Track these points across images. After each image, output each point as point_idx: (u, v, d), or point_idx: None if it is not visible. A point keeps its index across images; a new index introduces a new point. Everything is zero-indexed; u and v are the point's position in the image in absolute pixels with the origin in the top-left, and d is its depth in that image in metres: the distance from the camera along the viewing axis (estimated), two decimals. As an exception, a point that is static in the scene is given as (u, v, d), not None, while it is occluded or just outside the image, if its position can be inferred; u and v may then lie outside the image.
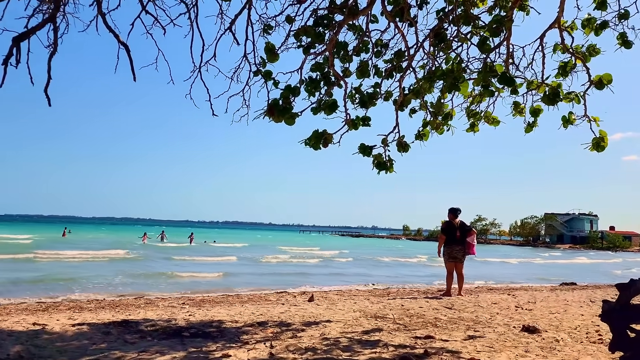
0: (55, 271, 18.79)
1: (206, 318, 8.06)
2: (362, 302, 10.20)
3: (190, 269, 22.70)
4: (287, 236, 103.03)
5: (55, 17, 4.64)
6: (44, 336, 6.41)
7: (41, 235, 52.83)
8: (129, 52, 5.20)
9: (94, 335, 6.48)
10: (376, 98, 7.45)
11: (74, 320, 7.79)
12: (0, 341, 6.02)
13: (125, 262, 25.13)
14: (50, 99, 4.74)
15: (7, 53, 4.49)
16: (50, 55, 4.93)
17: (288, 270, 24.16)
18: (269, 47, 6.49)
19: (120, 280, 17.11)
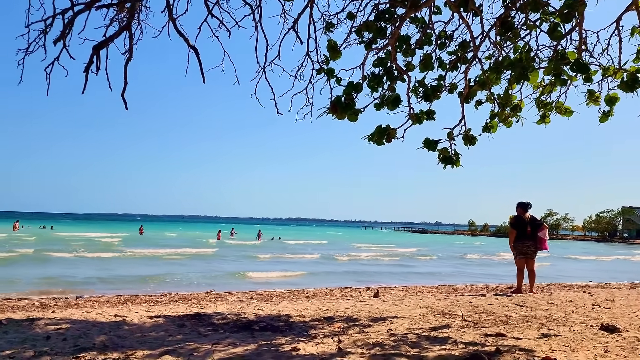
0: (135, 267, 19.83)
1: (274, 312, 8.24)
2: (429, 299, 10.07)
3: (273, 267, 22.66)
4: (356, 233, 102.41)
5: (130, 25, 4.92)
6: (124, 327, 6.80)
7: (120, 233, 55.81)
8: (198, 55, 5.40)
9: (169, 327, 6.80)
10: (440, 91, 7.32)
11: (150, 313, 8.21)
12: (86, 331, 6.45)
13: (201, 259, 26.00)
14: (127, 102, 5.03)
15: (88, 61, 4.80)
16: (127, 62, 5.22)
17: (370, 269, 23.87)
18: (331, 44, 6.53)
19: (194, 276, 17.77)
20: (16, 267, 18.89)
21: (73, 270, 17.94)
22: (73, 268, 18.74)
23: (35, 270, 17.68)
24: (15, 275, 16.30)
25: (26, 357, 4.98)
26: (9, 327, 6.72)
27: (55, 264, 20.37)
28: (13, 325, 6.86)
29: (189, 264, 22.53)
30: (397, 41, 6.69)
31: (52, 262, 21.21)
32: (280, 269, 21.78)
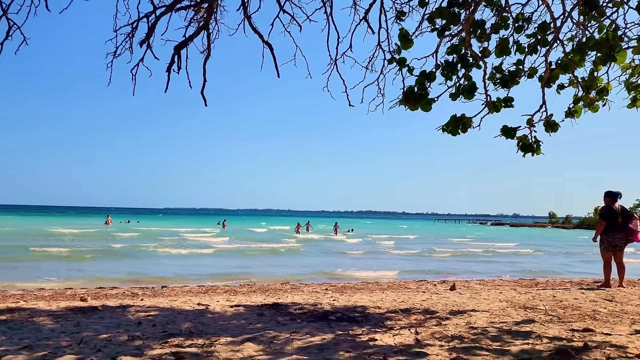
0: (216, 260, 20.66)
1: (349, 303, 8.30)
2: (509, 292, 9.73)
3: (366, 265, 20.45)
4: (439, 226, 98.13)
5: (208, 24, 5.12)
6: (207, 315, 7.12)
7: (201, 226, 58.13)
8: (273, 51, 5.53)
9: (249, 316, 7.05)
10: (519, 76, 7.02)
11: (231, 302, 8.53)
12: (173, 318, 6.82)
13: (290, 255, 25.24)
14: (207, 99, 5.26)
15: (170, 61, 5.05)
16: (205, 60, 5.45)
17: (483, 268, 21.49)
18: (403, 33, 6.44)
19: (283, 272, 18.18)
20: (109, 259, 20.25)
21: (160, 262, 18.99)
22: (160, 260, 19.84)
23: (126, 262, 18.89)
24: (108, 266, 17.49)
25: (121, 341, 5.34)
26: (105, 313, 7.25)
27: (145, 256, 21.63)
28: (108, 311, 7.39)
29: (278, 260, 22.82)
30: (472, 26, 6.49)
31: (143, 254, 22.55)
32: (372, 266, 20.03)
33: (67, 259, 19.42)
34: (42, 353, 4.75)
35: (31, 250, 21.67)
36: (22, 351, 4.84)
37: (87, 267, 16.92)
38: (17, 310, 7.30)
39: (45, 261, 18.05)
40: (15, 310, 7.30)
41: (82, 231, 41.07)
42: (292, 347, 5.08)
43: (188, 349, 4.98)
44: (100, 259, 19.65)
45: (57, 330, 5.92)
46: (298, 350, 4.97)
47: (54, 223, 54.08)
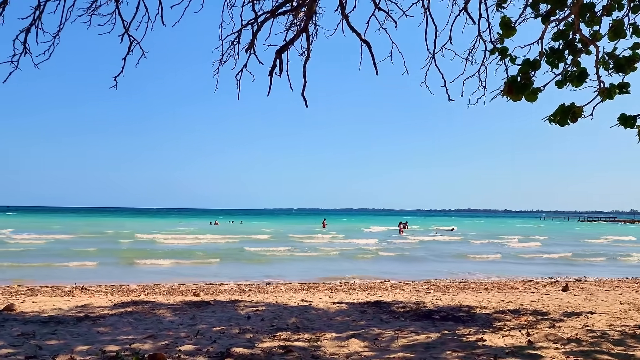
0: (326, 263, 21.10)
1: (453, 303, 8.12)
2: (630, 294, 8.98)
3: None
4: (560, 226, 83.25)
5: (307, 27, 5.27)
6: (311, 311, 7.31)
7: (301, 225, 59.52)
8: (371, 48, 5.56)
9: (352, 313, 7.13)
10: (636, 60, 6.45)
11: (333, 299, 8.69)
12: (279, 313, 7.08)
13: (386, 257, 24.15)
14: (307, 100, 5.41)
15: (272, 65, 5.26)
16: (305, 61, 5.61)
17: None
18: (505, 21, 6.17)
19: (377, 269, 18.21)
20: (218, 256, 21.38)
21: (269, 259, 19.75)
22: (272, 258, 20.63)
23: (233, 259, 19.86)
24: (217, 265, 18.50)
25: (233, 334, 5.65)
26: (216, 307, 7.70)
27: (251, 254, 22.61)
28: (219, 306, 7.84)
29: (386, 262, 22.79)
30: (580, 10, 6.07)
31: (248, 252, 23.57)
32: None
33: (182, 256, 20.82)
34: (165, 342, 5.16)
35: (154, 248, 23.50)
36: (147, 340, 5.28)
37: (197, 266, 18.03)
38: (140, 303, 7.98)
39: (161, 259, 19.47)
40: (138, 303, 7.97)
41: (194, 229, 43.74)
42: (397, 345, 5.07)
43: (296, 343, 5.15)
44: (226, 260, 20.83)
45: (175, 322, 6.39)
46: (404, 348, 4.96)
47: (164, 224, 58.19)
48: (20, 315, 6.72)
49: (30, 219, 66.94)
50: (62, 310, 7.27)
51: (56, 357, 4.51)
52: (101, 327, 5.96)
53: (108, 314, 6.97)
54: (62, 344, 5.03)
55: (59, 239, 29.93)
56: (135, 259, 18.56)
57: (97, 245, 25.06)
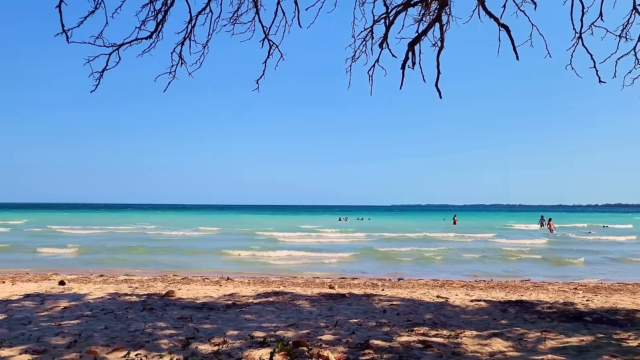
0: (452, 254, 20.57)
1: (607, 305, 7.40)
2: None
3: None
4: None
5: (440, 16, 5.14)
6: (448, 308, 7.13)
7: (430, 222, 58.25)
8: (510, 32, 5.25)
9: (492, 311, 6.82)
10: None
11: (470, 297, 8.39)
12: (414, 308, 7.02)
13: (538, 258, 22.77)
14: (441, 91, 5.28)
15: (404, 58, 5.22)
16: (439, 52, 5.47)
17: None
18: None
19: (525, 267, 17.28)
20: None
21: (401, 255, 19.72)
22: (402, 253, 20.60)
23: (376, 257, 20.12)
24: (348, 260, 18.87)
25: (370, 326, 5.71)
26: (352, 300, 7.84)
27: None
28: (354, 299, 7.98)
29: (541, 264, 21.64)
30: None
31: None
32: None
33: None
34: (306, 331, 5.38)
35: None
36: (289, 328, 5.55)
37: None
38: (280, 294, 8.41)
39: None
40: (279, 294, 8.41)
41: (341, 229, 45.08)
42: (545, 347, 4.75)
43: (434, 338, 5.07)
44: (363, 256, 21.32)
45: (314, 313, 6.63)
46: (553, 350, 4.63)
47: (302, 220, 60.63)
48: (178, 301, 7.46)
49: (167, 216, 73.82)
50: (213, 297, 7.93)
51: (211, 339, 4.92)
52: (247, 315, 6.39)
53: (252, 302, 7.45)
54: (215, 328, 5.48)
55: (207, 234, 32.76)
56: (272, 253, 19.59)
57: (236, 241, 26.94)
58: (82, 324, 5.60)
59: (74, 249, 20.46)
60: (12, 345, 4.55)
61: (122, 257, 18.31)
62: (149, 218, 62.06)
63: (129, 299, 7.65)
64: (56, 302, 7.25)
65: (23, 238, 27.03)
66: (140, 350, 4.41)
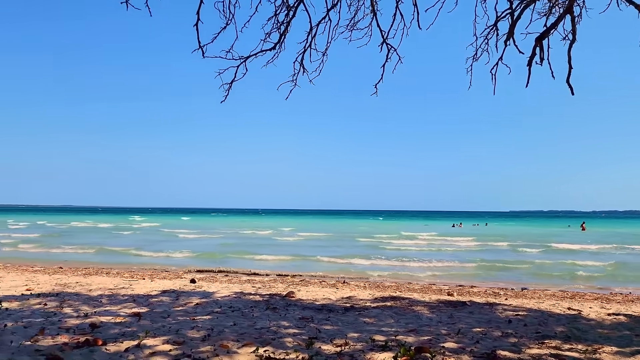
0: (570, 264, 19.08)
1: None
2: None
3: None
4: None
5: (572, 7, 4.80)
6: (581, 321, 6.59)
7: (555, 229, 54.38)
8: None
9: (634, 327, 6.19)
10: None
11: (607, 310, 7.70)
12: (543, 320, 6.58)
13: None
14: (573, 88, 4.91)
15: (531, 53, 4.94)
16: (570, 45, 5.10)
17: None
18: None
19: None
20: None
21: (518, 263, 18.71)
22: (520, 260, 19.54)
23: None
24: (463, 267, 18.23)
25: (495, 336, 5.46)
26: (473, 308, 7.56)
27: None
28: (476, 307, 7.68)
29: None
30: None
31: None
32: None
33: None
34: (427, 337, 5.28)
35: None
36: (409, 333, 5.48)
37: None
38: (397, 299, 8.35)
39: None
40: (396, 299, 8.36)
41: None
42: None
43: (568, 352, 4.72)
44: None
45: (434, 319, 6.49)
46: None
47: (409, 225, 59.75)
48: (299, 302, 7.71)
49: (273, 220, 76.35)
50: (331, 300, 8.08)
51: (333, 340, 5.02)
52: (366, 318, 6.43)
53: (370, 306, 7.47)
54: (336, 330, 5.58)
55: (315, 237, 33.55)
56: (387, 258, 19.52)
57: (345, 245, 27.23)
58: (213, 320, 6.00)
59: (197, 252, 22.01)
60: (155, 335, 5.00)
61: (241, 258, 19.37)
62: (254, 222, 64.93)
63: (253, 298, 8.05)
64: (189, 298, 7.85)
65: (153, 236, 29.67)
66: (267, 347, 4.62)
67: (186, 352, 4.36)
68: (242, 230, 42.19)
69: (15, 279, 10.14)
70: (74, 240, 27.67)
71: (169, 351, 4.39)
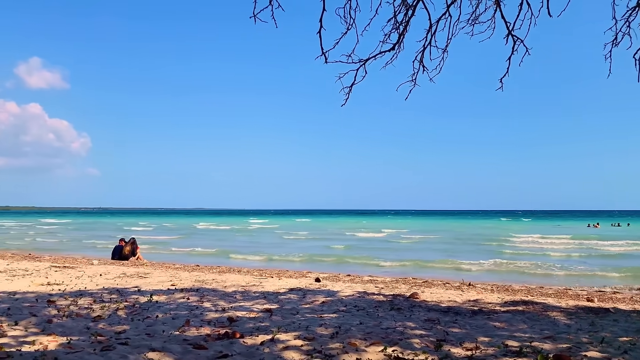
0: None
1: None
2: None
3: None
4: None
5: None
6: None
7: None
8: None
9: None
10: None
11: None
12: None
13: None
14: None
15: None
16: None
17: None
18: None
19: None
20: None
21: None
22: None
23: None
24: (602, 270, 16.70)
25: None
26: (618, 316, 6.90)
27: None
28: (621, 314, 7.00)
29: None
30: None
31: None
32: None
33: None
34: (566, 345, 4.92)
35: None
36: (546, 340, 5.15)
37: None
38: (530, 303, 7.89)
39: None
40: (528, 303, 7.90)
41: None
42: None
43: None
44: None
45: (572, 327, 6.03)
46: None
47: (539, 227, 55.91)
48: (423, 303, 7.61)
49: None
50: (457, 302, 7.87)
51: (463, 343, 4.89)
52: (496, 322, 6.16)
53: (500, 310, 7.15)
54: (464, 333, 5.42)
55: (430, 239, 32.82)
56: (514, 260, 18.54)
57: (475, 247, 26.26)
58: (340, 318, 6.14)
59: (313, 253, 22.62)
60: (287, 331, 5.25)
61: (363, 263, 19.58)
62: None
63: (377, 298, 8.11)
64: (315, 297, 8.11)
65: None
66: (395, 347, 4.63)
67: (317, 348, 4.52)
68: (357, 233, 42.61)
69: (161, 275, 11.22)
70: (202, 242, 29.99)
71: (301, 346, 4.58)
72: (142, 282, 9.72)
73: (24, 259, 15.75)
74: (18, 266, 12.74)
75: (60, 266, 13.00)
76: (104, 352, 4.18)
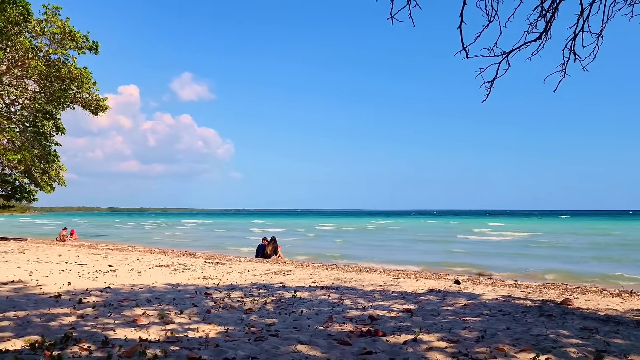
0: None
1: None
2: None
3: None
4: None
5: None
6: None
7: None
8: None
9: None
10: None
11: None
12: None
13: None
14: None
15: None
16: None
17: None
18: None
19: None
20: None
21: None
22: None
23: None
24: None
25: None
26: None
27: None
28: None
29: None
30: None
31: None
32: None
33: None
34: None
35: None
36: None
37: None
38: None
39: None
40: None
41: None
42: None
43: None
44: None
45: None
46: None
47: None
48: (577, 310, 7.01)
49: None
50: (618, 311, 7.12)
51: (628, 355, 4.42)
52: (668, 335, 5.46)
53: (672, 322, 6.32)
54: (629, 345, 4.89)
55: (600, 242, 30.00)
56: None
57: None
58: (484, 322, 5.91)
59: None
60: (429, 332, 5.19)
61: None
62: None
63: (524, 303, 7.64)
64: (455, 299, 7.89)
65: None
66: (548, 354, 4.34)
67: (462, 350, 4.41)
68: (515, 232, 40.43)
69: (302, 273, 11.73)
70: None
71: (445, 348, 4.50)
72: (285, 279, 10.26)
73: (182, 255, 17.48)
74: (178, 261, 14.20)
75: (212, 262, 14.22)
76: (257, 342, 4.50)
